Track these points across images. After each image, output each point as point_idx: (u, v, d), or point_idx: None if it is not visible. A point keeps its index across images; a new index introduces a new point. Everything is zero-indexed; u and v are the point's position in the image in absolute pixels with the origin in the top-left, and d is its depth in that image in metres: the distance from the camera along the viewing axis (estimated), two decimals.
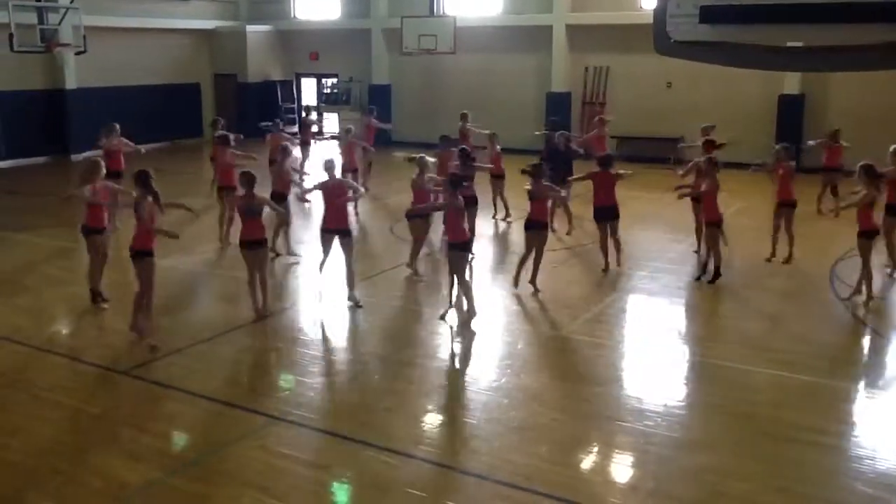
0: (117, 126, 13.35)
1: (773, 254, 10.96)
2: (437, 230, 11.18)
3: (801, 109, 19.04)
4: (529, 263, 9.74)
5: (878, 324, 9.02)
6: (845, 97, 18.52)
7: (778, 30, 5.93)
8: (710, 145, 11.55)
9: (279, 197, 10.77)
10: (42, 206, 14.88)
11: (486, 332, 8.79)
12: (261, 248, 8.91)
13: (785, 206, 10.80)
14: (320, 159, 10.61)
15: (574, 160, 13.06)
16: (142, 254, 8.05)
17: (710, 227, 10.07)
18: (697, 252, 11.20)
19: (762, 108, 19.28)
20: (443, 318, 8.88)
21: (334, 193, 9.39)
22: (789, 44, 6.49)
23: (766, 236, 11.09)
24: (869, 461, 5.99)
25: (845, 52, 5.97)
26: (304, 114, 21.47)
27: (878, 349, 8.51)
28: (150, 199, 8.04)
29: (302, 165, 16.71)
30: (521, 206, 11.28)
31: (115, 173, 12.09)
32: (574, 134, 16.63)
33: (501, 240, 12.80)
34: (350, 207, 11.96)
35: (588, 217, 11.51)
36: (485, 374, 7.67)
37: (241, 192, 9.00)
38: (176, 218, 10.66)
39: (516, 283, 9.84)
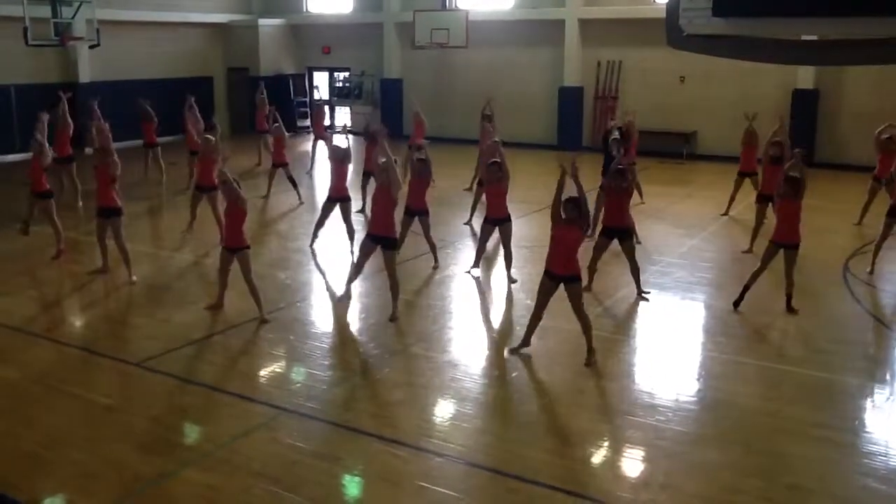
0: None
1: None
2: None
3: (815, 104, 18.89)
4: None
5: (891, 319, 8.98)
6: (860, 92, 18.38)
7: (792, 23, 5.88)
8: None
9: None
10: (57, 199, 14.89)
11: (497, 327, 8.80)
12: None
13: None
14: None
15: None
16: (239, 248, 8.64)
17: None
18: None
19: (776, 103, 19.11)
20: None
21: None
22: (804, 37, 6.45)
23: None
24: (881, 458, 5.96)
25: (861, 46, 5.92)
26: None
27: (891, 345, 8.47)
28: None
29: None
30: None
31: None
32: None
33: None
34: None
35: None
36: (495, 368, 7.67)
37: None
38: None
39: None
